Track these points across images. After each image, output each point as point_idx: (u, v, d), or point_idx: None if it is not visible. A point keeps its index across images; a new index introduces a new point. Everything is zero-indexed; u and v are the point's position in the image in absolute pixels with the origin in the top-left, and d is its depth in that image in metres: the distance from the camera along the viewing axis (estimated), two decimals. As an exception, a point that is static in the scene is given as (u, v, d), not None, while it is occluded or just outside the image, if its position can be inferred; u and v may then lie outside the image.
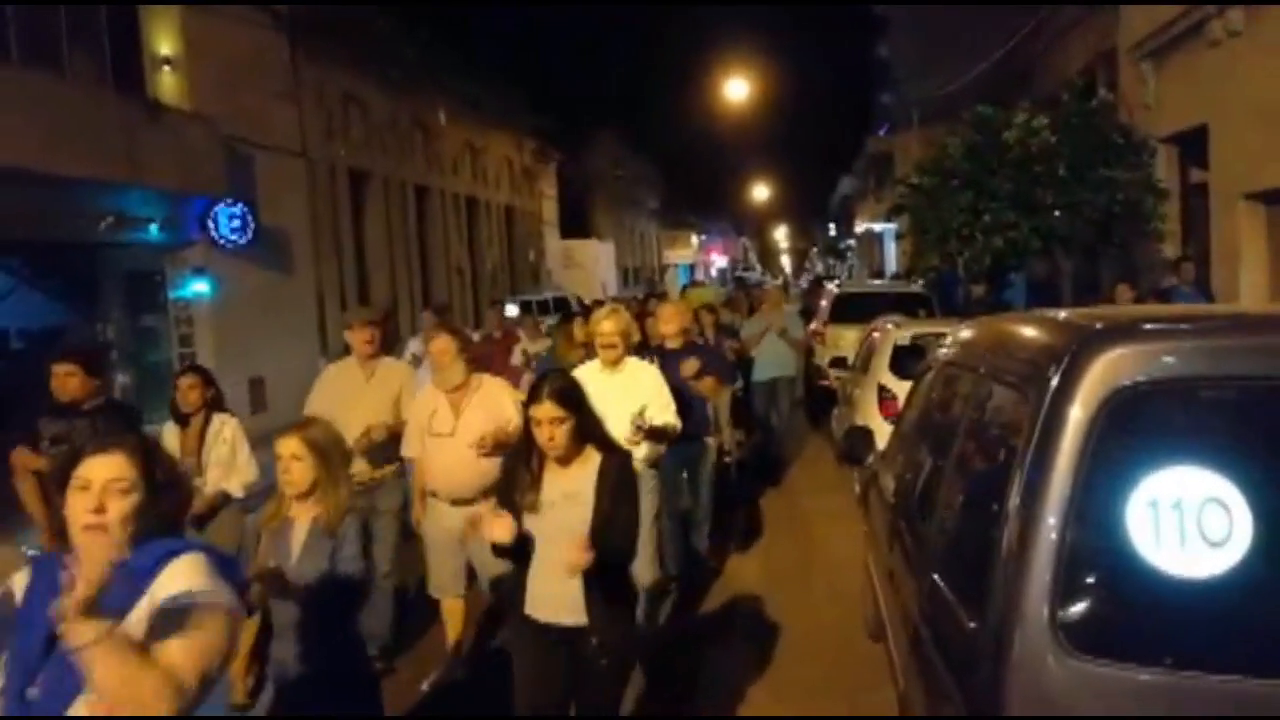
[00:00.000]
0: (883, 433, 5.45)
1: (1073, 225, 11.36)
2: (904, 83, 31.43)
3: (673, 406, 5.11)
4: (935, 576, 2.89)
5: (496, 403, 4.94)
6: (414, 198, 22.35)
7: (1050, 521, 2.17)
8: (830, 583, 6.45)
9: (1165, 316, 3.18)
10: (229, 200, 13.35)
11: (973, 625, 2.36)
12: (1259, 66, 9.60)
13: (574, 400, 3.34)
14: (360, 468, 4.92)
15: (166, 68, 13.02)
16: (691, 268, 61.62)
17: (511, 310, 20.88)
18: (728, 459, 9.46)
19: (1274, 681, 2.03)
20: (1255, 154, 9.81)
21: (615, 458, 3.43)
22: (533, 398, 3.32)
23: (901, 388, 6.96)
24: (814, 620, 5.86)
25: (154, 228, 12.54)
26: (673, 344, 6.32)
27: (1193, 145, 11.58)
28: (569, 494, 3.34)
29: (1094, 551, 2.18)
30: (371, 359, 5.39)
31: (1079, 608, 2.15)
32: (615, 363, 5.09)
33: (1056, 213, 11.37)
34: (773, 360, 9.96)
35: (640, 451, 4.86)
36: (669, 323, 6.39)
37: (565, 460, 3.37)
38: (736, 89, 31.15)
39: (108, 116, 11.11)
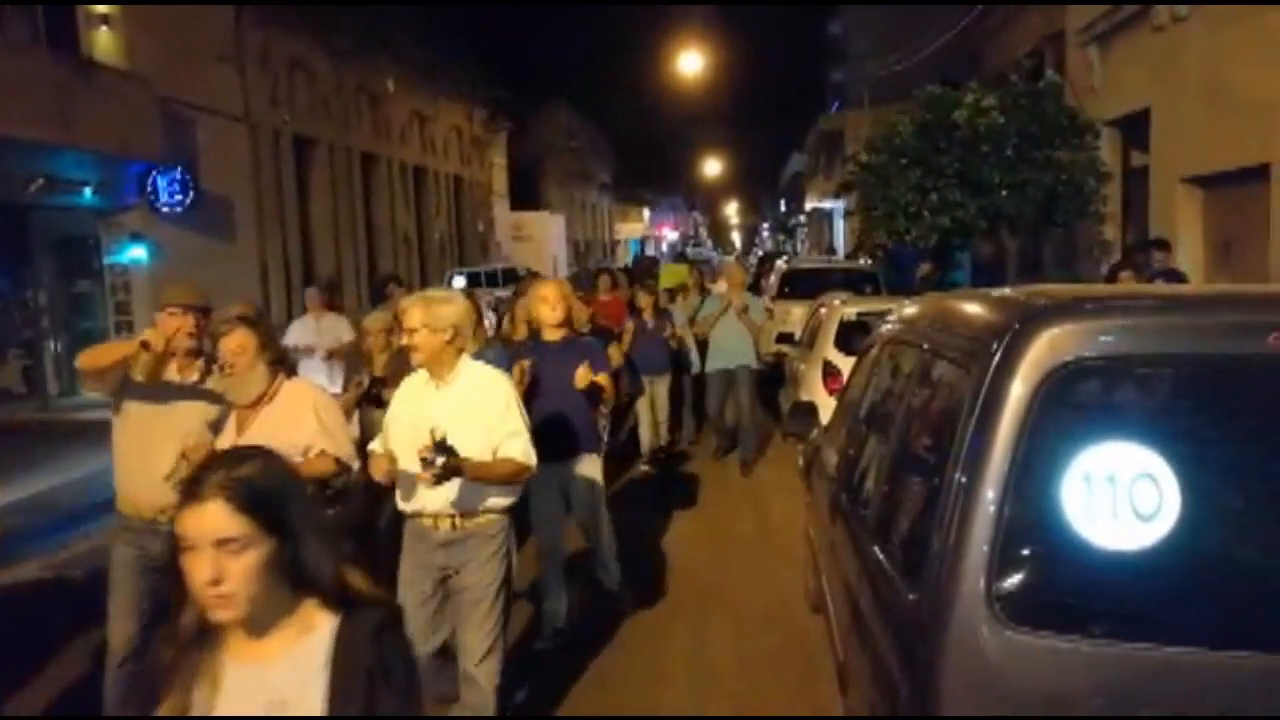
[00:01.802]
0: (827, 408, 5.48)
1: (1018, 205, 11.52)
2: (856, 61, 31.56)
3: (524, 435, 3.66)
4: (875, 549, 2.92)
5: (290, 418, 3.69)
6: (360, 166, 22.00)
7: (989, 495, 2.19)
8: (773, 556, 6.50)
9: (1105, 295, 3.22)
10: (168, 165, 13.01)
11: (911, 597, 2.39)
12: (1202, 52, 9.78)
13: (272, 501, 1.68)
14: (169, 500, 3.57)
15: (104, 26, 12.60)
16: (642, 242, 61.57)
17: (459, 282, 20.73)
18: (644, 467, 8.93)
19: (1198, 650, 2.08)
20: (1195, 138, 10.01)
21: (363, 623, 1.74)
22: (187, 494, 1.66)
23: (847, 363, 7.01)
24: (756, 592, 5.91)
25: (88, 191, 12.20)
26: (550, 335, 5.14)
27: (1135, 129, 11.79)
28: (275, 703, 1.70)
29: (1030, 525, 2.21)
30: (190, 357, 3.99)
31: (1015, 580, 2.18)
32: (438, 369, 3.64)
33: (1003, 192, 11.51)
34: (731, 346, 8.79)
35: (435, 500, 3.55)
36: (549, 306, 5.09)
37: (257, 627, 1.72)
38: (690, 63, 31.09)
39: (39, 74, 10.74)
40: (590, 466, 5.21)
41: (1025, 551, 2.21)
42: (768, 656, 5.01)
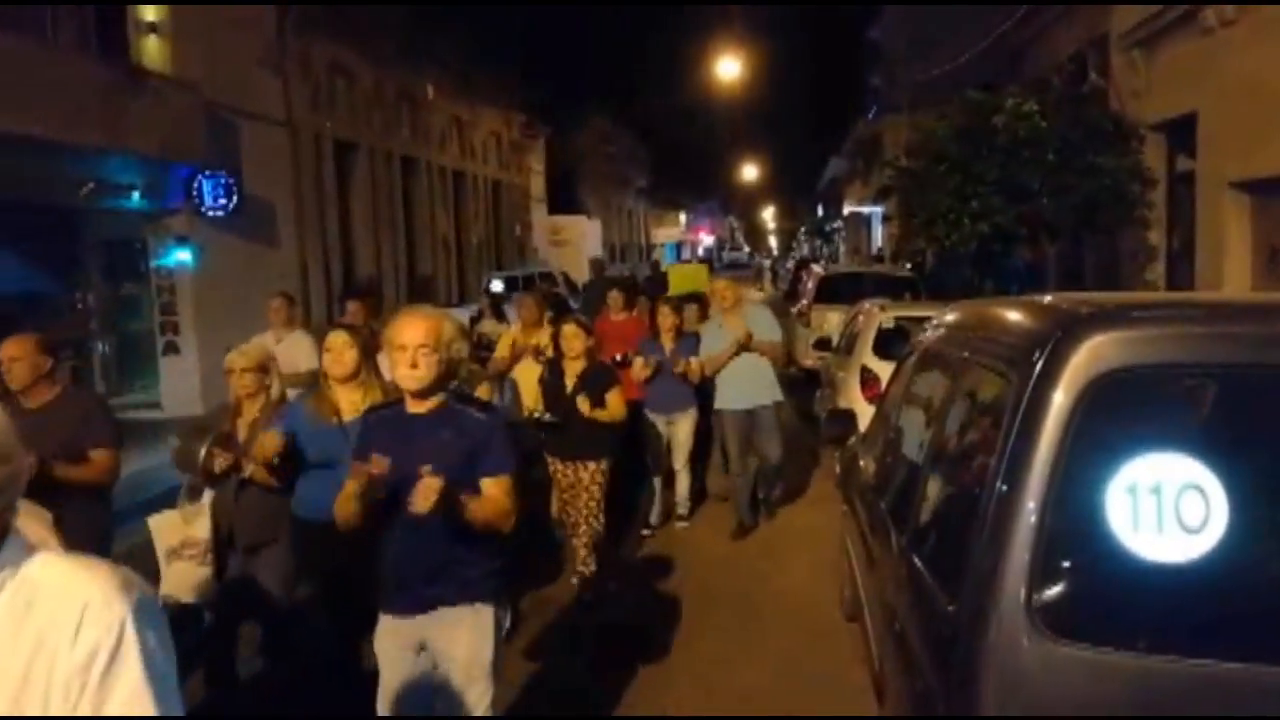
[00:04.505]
0: (865, 415, 5.46)
1: (1059, 212, 11.38)
2: (895, 65, 31.36)
3: None
4: (914, 558, 2.90)
5: None
6: (400, 170, 22.20)
7: (1029, 505, 2.18)
8: (807, 562, 6.47)
9: (1149, 303, 3.18)
10: (213, 169, 13.23)
11: (950, 607, 2.37)
12: (1250, 55, 9.61)
13: None
14: None
15: (152, 34, 12.84)
16: (679, 246, 61.56)
17: (496, 286, 20.83)
18: (681, 523, 7.35)
19: (1246, 665, 2.05)
20: (1243, 143, 9.83)
21: None
22: None
23: (885, 370, 6.97)
24: (789, 599, 5.89)
25: (135, 195, 12.42)
26: (417, 407, 3.11)
27: (1181, 133, 11.60)
28: None
29: (1072, 535, 2.18)
30: None
31: (1055, 591, 2.16)
32: None
33: (1044, 199, 11.38)
34: (746, 380, 6.95)
35: None
36: (408, 355, 3.01)
37: None
38: (727, 68, 31.00)
39: (90, 80, 10.96)
40: (476, 628, 3.14)
41: (1066, 562, 2.19)
42: (795, 663, 4.98)
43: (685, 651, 5.19)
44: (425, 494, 2.80)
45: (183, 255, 13.31)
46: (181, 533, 4.23)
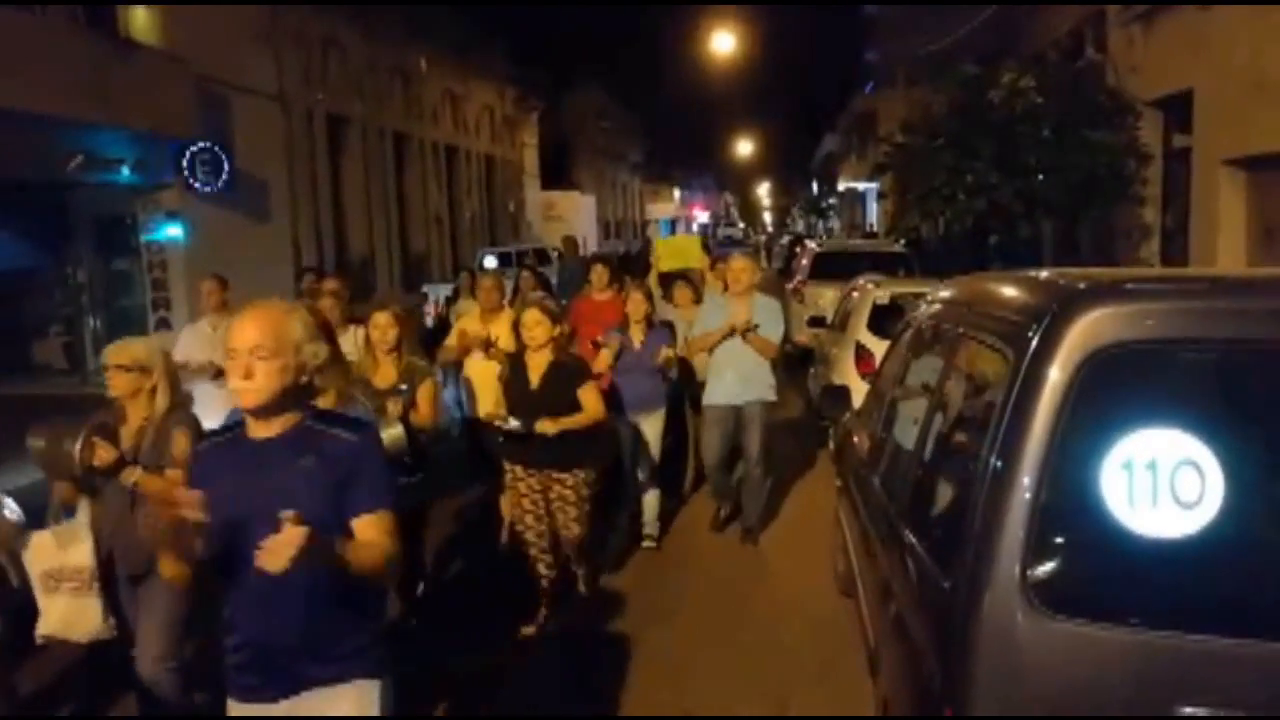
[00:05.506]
0: (860, 391, 5.45)
1: (1056, 188, 11.35)
2: (890, 40, 31.18)
3: None
4: (908, 533, 2.90)
5: None
6: (393, 145, 22.05)
7: (1025, 481, 2.17)
8: (801, 538, 6.48)
9: (1145, 278, 3.17)
10: (204, 143, 13.13)
11: (945, 583, 2.37)
12: (1247, 32, 9.56)
13: None
14: None
15: (141, 5, 12.69)
16: (673, 222, 61.39)
17: (490, 262, 20.76)
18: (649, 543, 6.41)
19: (1240, 641, 2.05)
20: (1239, 120, 9.80)
21: None
22: None
23: (879, 346, 6.97)
24: (784, 575, 5.90)
25: (125, 169, 12.33)
26: (261, 430, 2.39)
27: (1177, 109, 11.57)
28: None
29: (1067, 511, 2.18)
30: None
31: (1051, 566, 2.16)
32: None
33: (1040, 175, 11.35)
34: (739, 378, 6.20)
35: None
36: (240, 362, 2.33)
37: None
38: (722, 42, 30.87)
39: (77, 52, 10.83)
40: (361, 708, 2.45)
41: (1061, 538, 2.19)
42: (790, 640, 4.99)
43: (676, 635, 5.20)
44: (281, 548, 2.04)
45: (173, 230, 13.23)
46: (56, 558, 3.50)
